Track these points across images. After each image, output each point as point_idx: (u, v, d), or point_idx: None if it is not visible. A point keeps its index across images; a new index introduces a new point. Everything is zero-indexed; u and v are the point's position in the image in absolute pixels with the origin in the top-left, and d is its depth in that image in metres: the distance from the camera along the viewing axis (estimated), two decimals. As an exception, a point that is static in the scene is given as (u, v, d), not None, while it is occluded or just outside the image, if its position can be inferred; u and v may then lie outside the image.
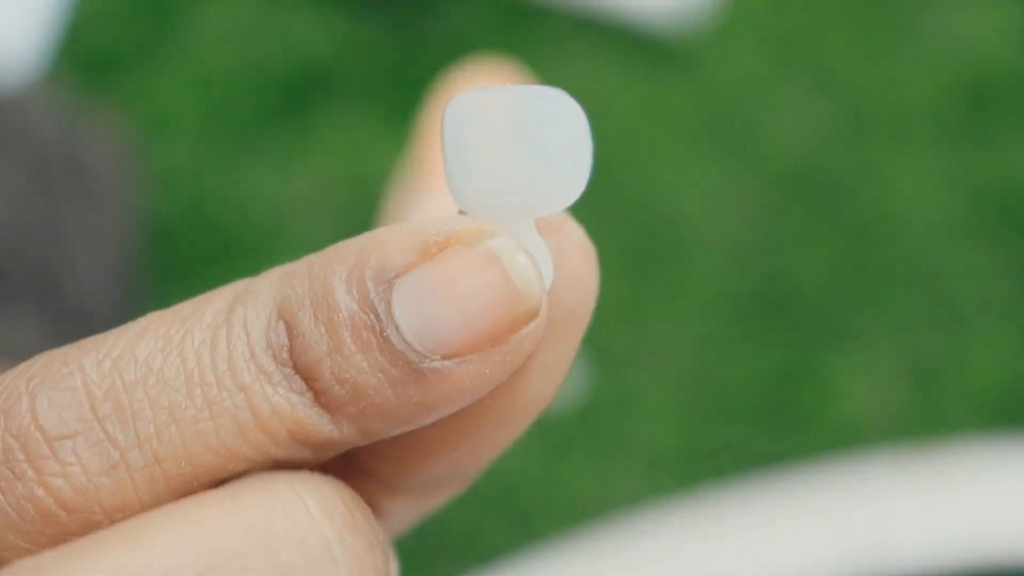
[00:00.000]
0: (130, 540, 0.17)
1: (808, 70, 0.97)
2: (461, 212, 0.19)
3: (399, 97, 0.93)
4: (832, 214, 0.93)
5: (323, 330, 0.18)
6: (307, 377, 0.18)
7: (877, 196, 0.93)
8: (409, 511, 0.22)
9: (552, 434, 0.86)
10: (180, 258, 0.86)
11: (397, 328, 0.18)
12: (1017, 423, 0.85)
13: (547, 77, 0.92)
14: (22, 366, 0.18)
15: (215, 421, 0.17)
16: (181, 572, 0.16)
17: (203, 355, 0.18)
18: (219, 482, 0.18)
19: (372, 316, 0.18)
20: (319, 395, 0.18)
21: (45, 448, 0.17)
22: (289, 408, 0.18)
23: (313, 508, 0.17)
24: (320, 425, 0.18)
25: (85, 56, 0.96)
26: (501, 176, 0.19)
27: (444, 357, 0.18)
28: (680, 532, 0.70)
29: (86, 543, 0.17)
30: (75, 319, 0.62)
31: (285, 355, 0.18)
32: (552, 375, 0.20)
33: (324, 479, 0.18)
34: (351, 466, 0.21)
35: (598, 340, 0.89)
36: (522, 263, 0.18)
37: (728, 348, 0.88)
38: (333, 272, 0.18)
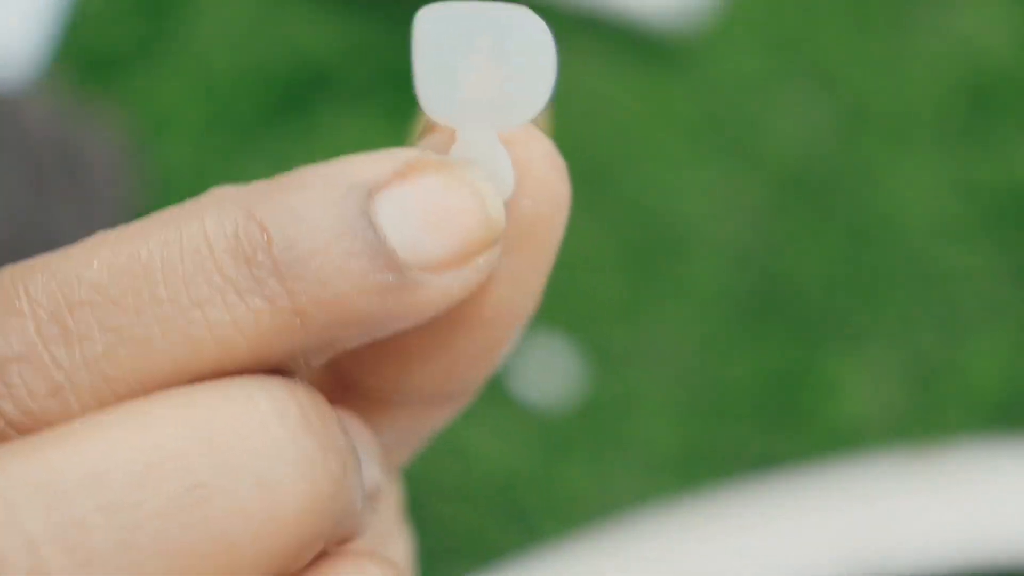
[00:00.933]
0: (67, 441, 0.16)
1: (808, 70, 0.97)
2: (430, 122, 0.20)
3: (399, 97, 0.93)
4: (832, 214, 0.93)
5: (306, 229, 0.18)
6: (286, 276, 0.18)
7: (877, 196, 0.93)
8: (405, 431, 0.22)
9: (552, 434, 0.86)
10: (180, 258, 0.85)
11: (383, 238, 0.18)
12: (1017, 424, 0.85)
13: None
14: None
15: (166, 339, 0.17)
16: (117, 473, 0.16)
17: (153, 270, 0.17)
18: None
19: (357, 222, 0.18)
20: (295, 296, 0.18)
21: None
22: (252, 318, 0.17)
23: (264, 409, 0.17)
24: (288, 331, 0.18)
25: (85, 56, 0.96)
26: (465, 85, 0.19)
27: (422, 270, 0.18)
28: (680, 532, 0.70)
29: (23, 444, 0.17)
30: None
31: (261, 256, 0.18)
32: (524, 285, 0.20)
33: (280, 380, 0.18)
34: (333, 381, 0.21)
35: (598, 340, 0.89)
36: (491, 190, 0.19)
37: (728, 348, 0.88)
38: (311, 183, 0.18)
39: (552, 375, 0.87)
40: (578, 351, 0.88)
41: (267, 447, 0.17)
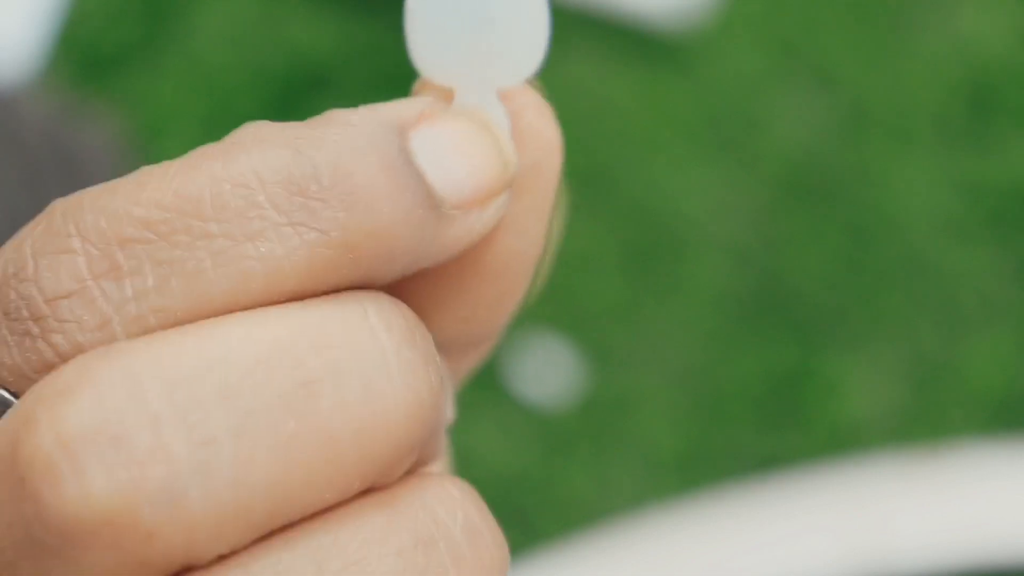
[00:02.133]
0: (190, 333, 0.17)
1: (808, 70, 0.97)
2: (427, 82, 0.21)
3: (398, 97, 0.93)
4: (832, 214, 0.93)
5: (354, 163, 0.18)
6: (339, 207, 0.18)
7: (877, 196, 0.93)
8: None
9: (552, 434, 0.86)
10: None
11: (422, 174, 0.19)
12: (1016, 424, 0.85)
13: (546, 75, 0.92)
14: (29, 227, 0.19)
15: (217, 272, 0.18)
16: (236, 363, 0.17)
17: (203, 206, 0.18)
18: None
19: (399, 159, 0.18)
20: (347, 229, 0.18)
21: (45, 308, 0.18)
22: (306, 251, 0.18)
23: (373, 318, 0.18)
24: (337, 265, 0.18)
25: (84, 55, 0.96)
26: (460, 44, 0.20)
27: (453, 207, 0.19)
28: (680, 532, 0.70)
29: (149, 336, 0.17)
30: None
31: (314, 188, 0.18)
32: (526, 230, 0.21)
33: (387, 296, 0.19)
34: None
35: (598, 340, 0.89)
36: (505, 135, 0.20)
37: (728, 348, 0.88)
38: (348, 121, 0.19)
39: (552, 375, 0.87)
40: (578, 351, 0.88)
41: (375, 354, 0.18)
